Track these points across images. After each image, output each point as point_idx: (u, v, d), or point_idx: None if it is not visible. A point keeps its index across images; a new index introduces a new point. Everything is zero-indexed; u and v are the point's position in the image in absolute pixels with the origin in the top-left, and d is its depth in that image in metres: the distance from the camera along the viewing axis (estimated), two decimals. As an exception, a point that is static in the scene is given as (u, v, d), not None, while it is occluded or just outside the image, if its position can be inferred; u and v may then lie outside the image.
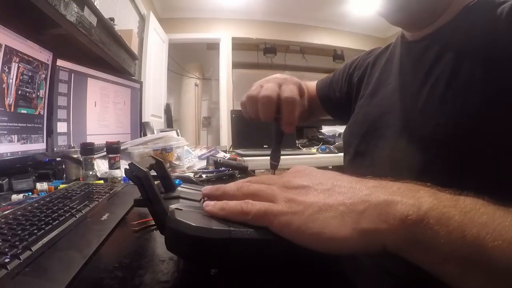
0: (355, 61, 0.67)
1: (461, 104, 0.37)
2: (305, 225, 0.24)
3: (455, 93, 0.38)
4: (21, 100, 0.81)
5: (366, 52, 0.66)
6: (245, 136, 1.89)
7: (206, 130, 4.73)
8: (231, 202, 0.28)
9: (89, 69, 1.15)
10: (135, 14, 2.72)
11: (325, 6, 3.48)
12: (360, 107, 0.57)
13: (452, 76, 0.39)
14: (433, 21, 0.44)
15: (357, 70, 0.64)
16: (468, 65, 0.38)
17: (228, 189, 0.31)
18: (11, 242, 0.30)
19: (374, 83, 0.55)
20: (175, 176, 0.79)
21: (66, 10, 0.95)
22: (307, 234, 0.24)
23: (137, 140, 1.09)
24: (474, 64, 0.37)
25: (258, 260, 0.29)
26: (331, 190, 0.26)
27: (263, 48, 4.05)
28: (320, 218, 0.24)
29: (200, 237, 0.26)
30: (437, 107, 0.40)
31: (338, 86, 0.68)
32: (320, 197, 0.26)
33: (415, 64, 0.46)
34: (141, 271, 0.30)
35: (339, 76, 0.69)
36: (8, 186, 0.72)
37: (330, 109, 0.73)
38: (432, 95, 0.41)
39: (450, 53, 0.40)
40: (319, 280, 0.30)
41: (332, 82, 0.70)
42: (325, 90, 0.72)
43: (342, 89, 0.67)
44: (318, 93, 0.73)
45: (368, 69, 0.60)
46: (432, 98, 0.41)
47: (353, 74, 0.65)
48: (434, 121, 0.39)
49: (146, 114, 2.46)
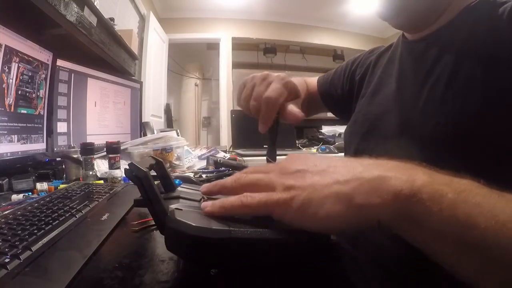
0: (357, 58, 0.67)
1: (461, 104, 0.37)
2: (302, 208, 0.25)
3: (455, 93, 0.38)
4: (21, 100, 0.81)
5: (368, 50, 0.66)
6: (245, 136, 1.89)
7: (206, 130, 4.72)
8: (230, 198, 0.28)
9: (89, 69, 1.15)
10: (135, 14, 2.72)
11: (325, 6, 3.48)
12: (361, 106, 0.57)
13: (452, 76, 0.39)
14: (433, 22, 0.45)
15: (359, 68, 0.64)
16: (468, 65, 0.38)
17: (226, 183, 0.31)
18: (11, 242, 0.30)
19: (376, 83, 0.55)
20: (175, 176, 0.79)
21: (66, 10, 0.95)
22: (305, 216, 0.25)
23: (137, 140, 1.09)
24: (475, 64, 0.37)
25: (258, 260, 0.29)
26: (325, 170, 0.27)
27: (263, 48, 4.05)
28: (315, 199, 0.25)
29: (200, 237, 0.26)
30: (437, 107, 0.40)
31: (340, 83, 0.68)
32: (315, 179, 0.26)
33: (415, 64, 0.46)
34: (141, 271, 0.30)
35: (341, 73, 0.68)
36: (8, 186, 0.72)
37: (331, 105, 0.73)
38: (432, 95, 0.41)
39: (451, 53, 0.41)
40: (319, 279, 0.30)
41: (334, 79, 0.70)
42: (326, 86, 0.72)
43: (344, 86, 0.67)
44: (319, 89, 0.73)
45: (370, 67, 0.60)
46: (432, 98, 0.41)
47: (355, 72, 0.65)
48: (434, 120, 0.39)
49: (146, 114, 2.47)
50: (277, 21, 3.83)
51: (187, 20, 3.66)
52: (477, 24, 0.39)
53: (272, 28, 3.84)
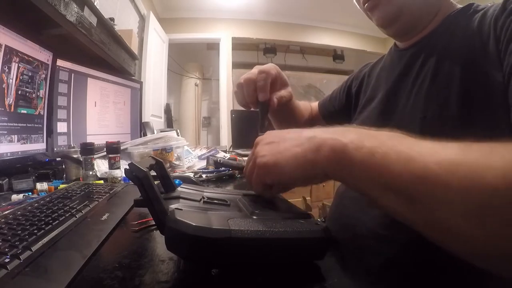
0: (352, 75, 0.73)
1: (444, 97, 0.41)
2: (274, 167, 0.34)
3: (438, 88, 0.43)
4: (21, 100, 0.81)
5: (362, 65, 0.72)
6: (245, 136, 1.89)
7: (206, 130, 4.72)
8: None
9: (89, 69, 1.15)
10: (135, 14, 2.72)
11: (325, 6, 3.48)
12: (359, 114, 0.61)
13: (435, 74, 0.44)
14: (422, 29, 0.50)
15: (354, 81, 0.69)
16: (448, 66, 0.43)
17: None
18: (11, 242, 0.30)
19: (370, 91, 0.60)
20: (175, 176, 0.79)
21: (66, 10, 0.95)
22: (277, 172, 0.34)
23: (137, 140, 1.09)
24: (454, 65, 0.42)
25: (258, 259, 0.29)
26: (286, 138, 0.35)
27: (263, 48, 4.05)
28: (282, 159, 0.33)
29: (200, 237, 0.26)
30: (423, 102, 0.44)
31: (337, 101, 0.74)
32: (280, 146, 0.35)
33: (405, 70, 0.51)
34: (141, 271, 0.30)
35: (338, 90, 0.75)
36: (8, 186, 0.72)
37: (330, 120, 0.77)
38: (419, 93, 0.45)
39: (433, 57, 0.46)
40: (319, 279, 0.30)
41: (332, 97, 0.76)
42: (325, 105, 0.78)
43: (341, 101, 0.72)
44: (320, 108, 0.79)
45: (365, 79, 0.66)
46: (419, 96, 0.45)
47: (351, 85, 0.70)
48: (421, 114, 0.43)
49: (146, 114, 2.46)
50: (277, 21, 3.83)
51: (187, 20, 3.65)
52: (456, 31, 0.45)
53: (272, 28, 3.84)
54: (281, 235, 0.29)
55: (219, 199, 0.37)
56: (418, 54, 0.49)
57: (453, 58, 0.42)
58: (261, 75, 0.54)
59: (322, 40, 4.00)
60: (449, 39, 0.45)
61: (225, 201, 0.37)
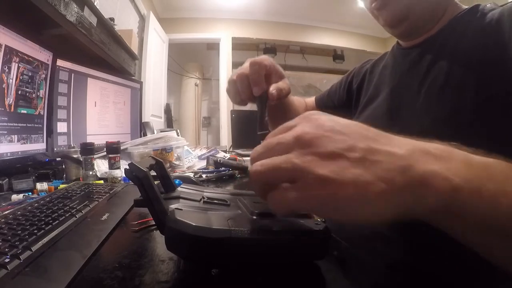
0: (352, 71, 0.71)
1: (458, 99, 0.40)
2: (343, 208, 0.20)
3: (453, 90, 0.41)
4: (21, 100, 0.81)
5: (362, 62, 0.71)
6: (245, 136, 1.89)
7: (206, 130, 4.72)
8: None
9: (89, 69, 1.15)
10: (135, 14, 2.72)
11: (325, 6, 3.48)
12: (360, 113, 0.60)
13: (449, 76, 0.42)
14: (429, 29, 0.49)
15: (355, 77, 0.68)
16: (462, 67, 0.42)
17: None
18: (11, 242, 0.30)
19: (373, 89, 0.59)
20: (175, 176, 0.79)
21: (66, 10, 0.95)
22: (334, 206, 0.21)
23: (137, 140, 1.09)
24: (467, 66, 0.41)
25: (258, 259, 0.29)
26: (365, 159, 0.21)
27: (263, 48, 4.05)
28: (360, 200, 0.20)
29: (200, 237, 0.26)
30: (435, 103, 0.43)
31: (337, 97, 0.72)
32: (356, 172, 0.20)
33: (411, 69, 0.50)
34: (141, 271, 0.30)
35: (337, 87, 0.73)
36: (8, 186, 0.72)
37: None
38: (430, 93, 0.44)
39: (444, 57, 0.45)
40: (319, 279, 0.30)
41: (330, 93, 0.75)
42: (323, 100, 0.76)
43: (341, 97, 0.71)
44: (317, 103, 0.77)
45: (366, 75, 0.64)
46: (430, 96, 0.44)
47: (352, 82, 0.68)
48: (432, 115, 0.42)
49: (146, 114, 2.47)
50: (277, 21, 3.83)
51: (187, 20, 3.65)
52: (466, 31, 0.44)
53: (272, 28, 3.84)
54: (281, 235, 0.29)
55: (219, 199, 0.37)
56: (424, 53, 0.48)
57: (466, 59, 0.42)
58: (254, 67, 0.47)
59: (322, 40, 4.00)
60: (458, 39, 0.44)
61: (225, 201, 0.37)
